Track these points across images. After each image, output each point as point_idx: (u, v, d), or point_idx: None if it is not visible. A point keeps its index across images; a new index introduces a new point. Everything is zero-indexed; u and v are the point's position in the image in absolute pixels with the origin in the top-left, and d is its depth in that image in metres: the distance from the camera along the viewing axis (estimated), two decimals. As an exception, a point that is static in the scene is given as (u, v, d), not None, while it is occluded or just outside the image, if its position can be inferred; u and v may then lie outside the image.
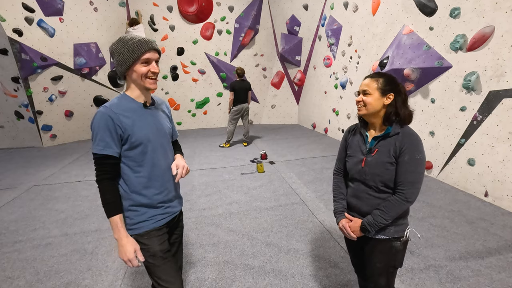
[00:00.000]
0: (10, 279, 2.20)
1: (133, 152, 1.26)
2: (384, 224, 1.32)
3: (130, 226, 1.30)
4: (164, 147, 1.37)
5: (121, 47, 1.21)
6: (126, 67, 1.22)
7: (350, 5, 5.55)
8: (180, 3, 7.42)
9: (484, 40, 3.18)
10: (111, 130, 1.19)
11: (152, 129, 1.31)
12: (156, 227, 1.34)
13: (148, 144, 1.28)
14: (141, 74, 1.23)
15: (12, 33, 5.31)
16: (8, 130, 6.31)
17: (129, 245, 1.23)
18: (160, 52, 1.30)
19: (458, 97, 3.57)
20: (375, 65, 4.81)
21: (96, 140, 1.20)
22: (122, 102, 1.26)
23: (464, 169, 3.55)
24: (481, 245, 2.47)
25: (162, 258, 1.33)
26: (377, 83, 1.32)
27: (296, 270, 2.24)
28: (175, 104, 8.17)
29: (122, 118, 1.21)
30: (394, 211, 1.30)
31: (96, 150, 1.20)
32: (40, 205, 3.51)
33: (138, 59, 1.21)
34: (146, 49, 1.21)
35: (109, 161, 1.22)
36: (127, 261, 1.23)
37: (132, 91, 1.30)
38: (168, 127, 1.43)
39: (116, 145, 1.22)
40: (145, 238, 1.31)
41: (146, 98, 1.33)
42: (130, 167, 1.28)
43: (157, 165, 1.33)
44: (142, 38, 1.23)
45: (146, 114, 1.31)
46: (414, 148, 1.27)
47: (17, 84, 5.74)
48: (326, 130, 7.03)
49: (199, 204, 3.44)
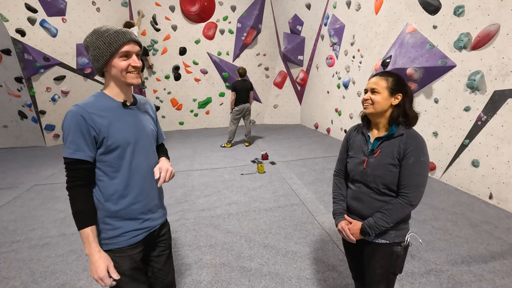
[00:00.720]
0: (6, 279, 2.20)
1: (110, 156, 1.14)
2: (386, 227, 1.28)
3: (102, 241, 1.18)
4: (146, 151, 1.25)
5: (96, 40, 1.08)
6: (103, 62, 1.10)
7: (353, 4, 5.48)
8: (182, 3, 7.42)
9: (489, 38, 3.11)
10: (84, 131, 1.07)
11: (132, 130, 1.19)
12: (131, 244, 1.21)
13: (127, 147, 1.16)
14: (121, 69, 1.11)
15: (15, 33, 5.35)
16: (12, 129, 6.36)
17: (101, 261, 1.10)
18: (141, 45, 1.18)
19: (462, 97, 3.49)
20: (378, 64, 4.74)
21: (67, 143, 1.08)
22: (98, 100, 1.14)
23: (468, 170, 3.48)
24: (484, 249, 2.41)
25: (130, 278, 1.21)
26: (386, 82, 1.28)
27: (293, 273, 2.20)
28: (177, 104, 8.16)
29: (96, 118, 1.09)
30: (396, 215, 1.26)
31: (66, 154, 1.08)
32: (40, 204, 3.51)
33: (116, 52, 1.09)
34: (124, 41, 1.09)
35: (81, 166, 1.10)
36: (98, 279, 1.10)
37: (111, 89, 1.17)
38: (151, 128, 1.30)
39: (90, 148, 1.09)
40: (117, 256, 1.18)
41: (126, 96, 1.20)
42: (106, 173, 1.15)
43: (137, 171, 1.20)
44: (120, 29, 1.10)
45: (126, 114, 1.19)
46: (419, 151, 1.24)
47: (20, 84, 5.78)
48: (328, 130, 6.97)
49: (198, 204, 3.41)
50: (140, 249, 1.26)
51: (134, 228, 1.22)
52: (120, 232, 1.19)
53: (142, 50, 1.20)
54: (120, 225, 1.19)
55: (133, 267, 1.23)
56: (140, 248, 1.26)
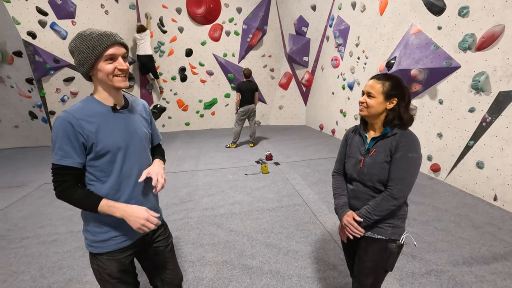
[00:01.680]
0: (16, 274, 2.27)
1: (100, 162, 1.13)
2: (372, 219, 1.32)
3: (91, 243, 1.19)
4: (138, 155, 1.23)
5: (79, 44, 1.06)
6: (89, 66, 1.08)
7: (358, 5, 5.49)
8: (188, 5, 7.51)
9: (494, 39, 3.09)
10: (71, 138, 1.06)
11: (123, 135, 1.17)
12: (120, 248, 1.22)
13: (118, 152, 1.15)
14: (107, 72, 1.09)
15: (26, 36, 5.49)
16: (23, 129, 6.53)
17: (135, 209, 1.12)
18: (127, 47, 1.14)
19: (466, 98, 3.47)
20: (383, 65, 4.74)
21: (55, 149, 1.07)
22: (87, 105, 1.12)
23: (473, 172, 3.45)
24: (487, 250, 2.40)
25: (118, 280, 1.23)
26: (382, 86, 1.30)
27: (294, 272, 2.22)
28: (183, 105, 8.26)
29: (84, 124, 1.07)
30: (380, 207, 1.30)
31: (54, 160, 1.07)
32: (49, 202, 3.61)
33: (100, 56, 1.06)
34: (108, 44, 1.06)
35: (69, 171, 1.09)
36: (144, 223, 1.11)
37: (99, 93, 1.15)
38: (144, 131, 1.28)
39: (78, 154, 1.08)
40: (105, 258, 1.20)
41: (116, 100, 1.18)
42: (97, 177, 1.15)
43: (128, 175, 1.19)
44: (104, 32, 1.08)
45: (116, 118, 1.17)
46: (408, 147, 1.27)
47: (31, 85, 5.93)
48: (333, 131, 6.97)
49: (201, 204, 3.46)
50: (129, 253, 1.27)
51: (124, 233, 1.22)
52: (110, 236, 1.19)
53: (128, 52, 1.18)
54: (110, 229, 1.19)
55: (122, 269, 1.24)
56: (130, 252, 1.27)
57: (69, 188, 1.09)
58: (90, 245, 1.20)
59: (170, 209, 3.33)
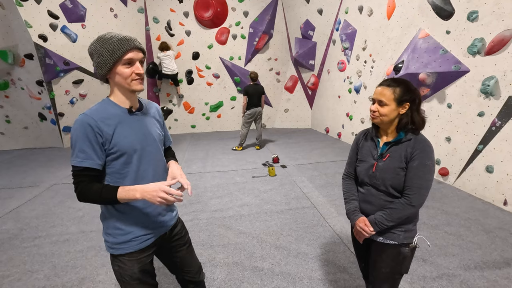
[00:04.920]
0: (30, 272, 2.31)
1: (116, 163, 1.15)
2: (386, 226, 1.32)
3: (112, 245, 1.21)
4: (153, 156, 1.25)
5: (99, 47, 1.09)
6: (107, 69, 1.11)
7: (365, 10, 5.51)
8: (196, 9, 7.59)
9: (504, 43, 3.09)
10: (91, 139, 1.08)
11: (139, 136, 1.19)
12: (141, 248, 1.24)
13: (133, 154, 1.17)
14: (124, 76, 1.12)
15: (37, 39, 5.60)
16: (32, 131, 6.63)
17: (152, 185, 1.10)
18: (144, 52, 1.18)
19: (476, 102, 3.47)
20: (390, 69, 4.75)
21: (75, 151, 1.08)
22: (104, 107, 1.15)
23: (482, 176, 3.44)
24: (499, 255, 2.39)
25: (139, 281, 1.25)
26: (393, 93, 1.29)
27: (304, 274, 2.23)
28: (190, 107, 8.32)
29: (102, 125, 1.10)
30: (397, 214, 1.30)
31: (75, 162, 1.09)
32: (60, 202, 3.65)
33: (119, 59, 1.09)
34: (128, 49, 1.09)
35: (89, 173, 1.11)
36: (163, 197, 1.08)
37: (115, 96, 1.18)
38: (158, 133, 1.31)
39: (98, 156, 1.10)
40: (126, 259, 1.22)
41: (131, 102, 1.21)
42: (114, 179, 1.17)
43: (143, 177, 1.21)
44: (124, 36, 1.11)
45: (132, 120, 1.19)
46: (424, 155, 1.27)
47: (41, 87, 6.03)
48: (339, 134, 6.97)
49: (210, 205, 3.49)
50: (150, 252, 1.30)
51: (144, 233, 1.24)
52: (131, 237, 1.21)
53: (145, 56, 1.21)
54: (131, 230, 1.21)
55: (142, 269, 1.26)
56: (150, 251, 1.29)
57: (86, 185, 1.10)
58: (111, 247, 1.22)
59: (179, 210, 3.36)
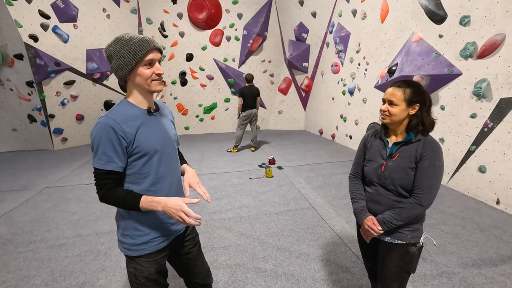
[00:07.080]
0: (27, 278, 2.24)
1: (137, 164, 1.15)
2: (395, 225, 1.34)
3: (130, 247, 1.21)
4: (171, 157, 1.26)
5: (120, 49, 1.09)
6: (128, 70, 1.10)
7: (359, 13, 5.60)
8: (190, 10, 7.57)
9: (495, 47, 3.19)
10: (114, 143, 1.07)
11: (159, 137, 1.20)
12: (159, 249, 1.25)
13: (154, 154, 1.18)
14: (146, 77, 1.12)
15: (28, 39, 5.47)
16: (21, 133, 6.46)
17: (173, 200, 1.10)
18: (162, 52, 1.19)
19: (468, 104, 3.57)
20: (384, 72, 4.84)
21: (98, 154, 1.08)
22: (124, 109, 1.14)
23: (475, 176, 3.53)
24: (494, 252, 2.45)
25: (153, 282, 1.26)
26: (404, 94, 1.32)
27: (307, 274, 2.24)
28: (183, 109, 8.26)
29: (125, 127, 1.09)
30: (406, 214, 1.32)
31: (98, 165, 1.09)
32: (53, 206, 3.57)
33: (141, 61, 1.09)
34: (148, 49, 1.10)
35: (111, 176, 1.11)
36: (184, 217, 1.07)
37: (134, 97, 1.18)
38: (174, 134, 1.33)
39: (121, 159, 1.11)
40: (143, 260, 1.22)
41: (149, 103, 1.21)
42: (134, 180, 1.17)
43: (163, 177, 1.22)
44: (143, 37, 1.11)
45: (151, 121, 1.20)
46: (434, 155, 1.30)
47: (31, 88, 5.89)
48: (333, 136, 7.04)
49: (209, 207, 3.47)
50: (166, 253, 1.31)
51: (163, 234, 1.25)
52: (149, 238, 1.22)
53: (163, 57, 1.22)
54: (149, 231, 1.22)
55: (158, 270, 1.27)
56: (166, 252, 1.30)
57: (110, 190, 1.11)
58: (129, 249, 1.21)
59: (177, 212, 3.32)
